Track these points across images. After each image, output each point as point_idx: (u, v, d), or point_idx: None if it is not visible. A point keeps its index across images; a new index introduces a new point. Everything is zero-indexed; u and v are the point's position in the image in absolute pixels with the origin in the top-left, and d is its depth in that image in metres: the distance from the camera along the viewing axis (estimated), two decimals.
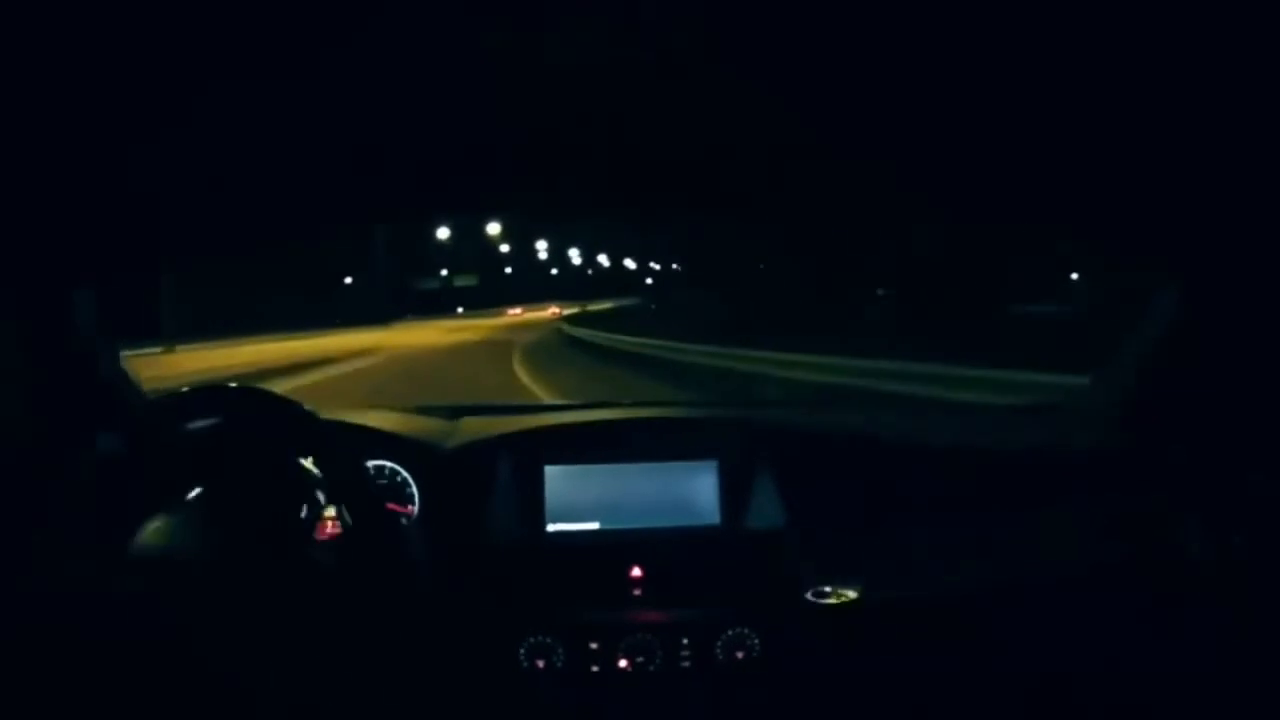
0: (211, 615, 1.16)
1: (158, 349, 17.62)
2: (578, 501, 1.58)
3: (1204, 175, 1.22)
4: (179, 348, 19.24)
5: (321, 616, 1.25)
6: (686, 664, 1.47)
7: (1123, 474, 1.56)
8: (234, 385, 1.35)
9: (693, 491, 1.58)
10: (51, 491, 1.22)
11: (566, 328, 26.77)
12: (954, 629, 1.48)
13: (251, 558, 1.23)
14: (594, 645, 1.47)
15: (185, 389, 1.32)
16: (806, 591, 1.50)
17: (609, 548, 1.56)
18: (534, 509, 1.57)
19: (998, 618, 1.49)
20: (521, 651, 1.48)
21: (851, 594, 1.49)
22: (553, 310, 48.36)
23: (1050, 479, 1.60)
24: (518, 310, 52.60)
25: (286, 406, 1.34)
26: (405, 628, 1.38)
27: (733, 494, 1.58)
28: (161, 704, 1.19)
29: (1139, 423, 1.57)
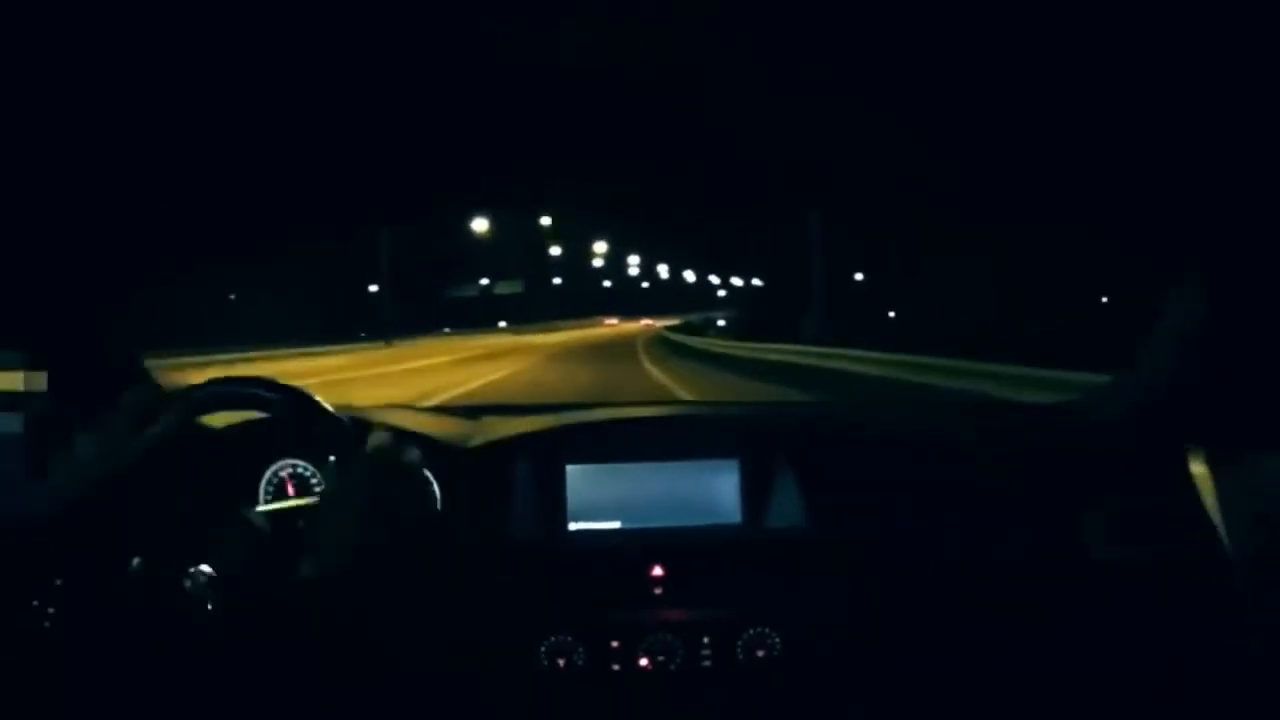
0: (233, 612, 1.27)
1: None
2: (599, 501, 1.65)
3: (1224, 175, 1.28)
4: None
5: (340, 612, 1.34)
6: (707, 663, 1.54)
7: (1140, 474, 1.61)
8: (256, 377, 1.41)
9: (714, 490, 1.65)
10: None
11: None
12: (969, 630, 1.54)
13: (270, 556, 1.32)
14: (615, 644, 1.55)
15: (204, 382, 1.40)
16: (827, 590, 1.57)
17: (630, 547, 1.63)
18: (555, 508, 1.64)
19: (1010, 619, 1.54)
20: (542, 650, 1.55)
21: (869, 593, 1.57)
22: (645, 322, 56.13)
23: (1069, 479, 1.64)
24: (614, 320, 60.73)
25: (308, 400, 1.42)
26: (423, 626, 1.48)
27: (754, 493, 1.64)
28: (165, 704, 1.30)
29: (1157, 423, 1.61)
